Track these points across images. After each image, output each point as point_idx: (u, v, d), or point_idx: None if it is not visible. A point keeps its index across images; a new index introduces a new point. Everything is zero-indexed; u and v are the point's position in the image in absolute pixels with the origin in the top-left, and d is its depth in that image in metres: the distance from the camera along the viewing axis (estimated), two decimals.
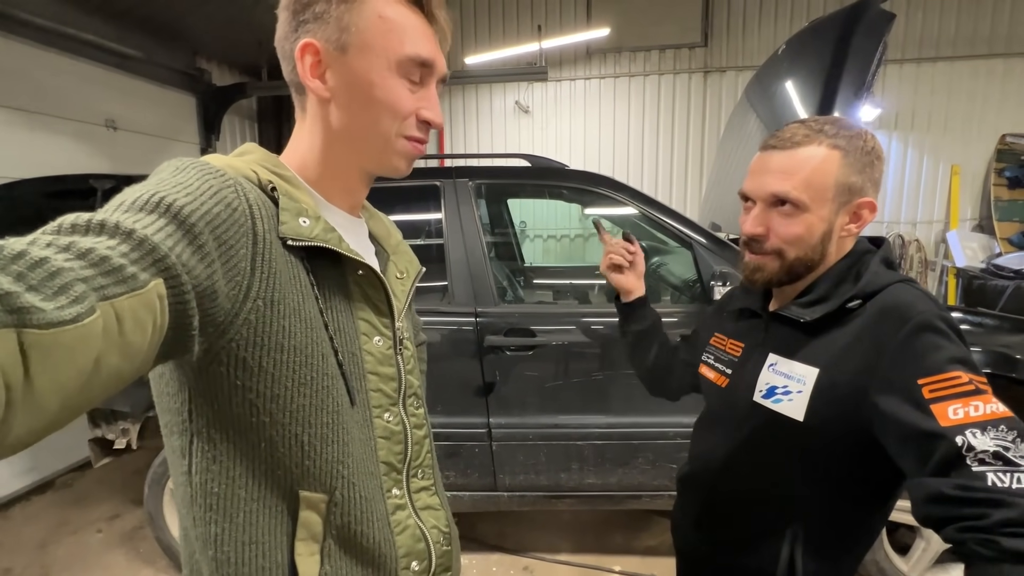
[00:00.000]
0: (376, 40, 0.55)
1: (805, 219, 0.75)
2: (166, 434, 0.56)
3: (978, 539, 0.56)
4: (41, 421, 0.31)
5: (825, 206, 0.74)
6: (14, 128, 2.84)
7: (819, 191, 0.74)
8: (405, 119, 0.58)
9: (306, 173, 0.60)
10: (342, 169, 0.61)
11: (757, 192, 0.78)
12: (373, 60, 0.56)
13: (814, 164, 0.74)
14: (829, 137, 0.74)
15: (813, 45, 2.31)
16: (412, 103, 0.58)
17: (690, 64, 5.13)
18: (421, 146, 0.61)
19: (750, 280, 0.81)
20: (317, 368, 0.53)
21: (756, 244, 0.78)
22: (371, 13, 0.55)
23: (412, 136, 0.59)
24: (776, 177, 0.75)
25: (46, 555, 2.33)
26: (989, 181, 4.76)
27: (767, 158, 0.78)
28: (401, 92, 0.57)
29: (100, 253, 0.35)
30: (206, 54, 4.36)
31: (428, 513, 0.67)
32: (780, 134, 0.77)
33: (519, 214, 5.23)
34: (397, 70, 0.56)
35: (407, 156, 0.61)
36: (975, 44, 4.68)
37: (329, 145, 0.60)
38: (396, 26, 0.56)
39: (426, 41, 0.57)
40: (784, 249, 0.76)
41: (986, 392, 0.61)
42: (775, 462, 0.79)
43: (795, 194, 0.74)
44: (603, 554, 2.25)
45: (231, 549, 0.53)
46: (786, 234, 0.76)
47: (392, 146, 0.59)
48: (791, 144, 0.76)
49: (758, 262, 0.79)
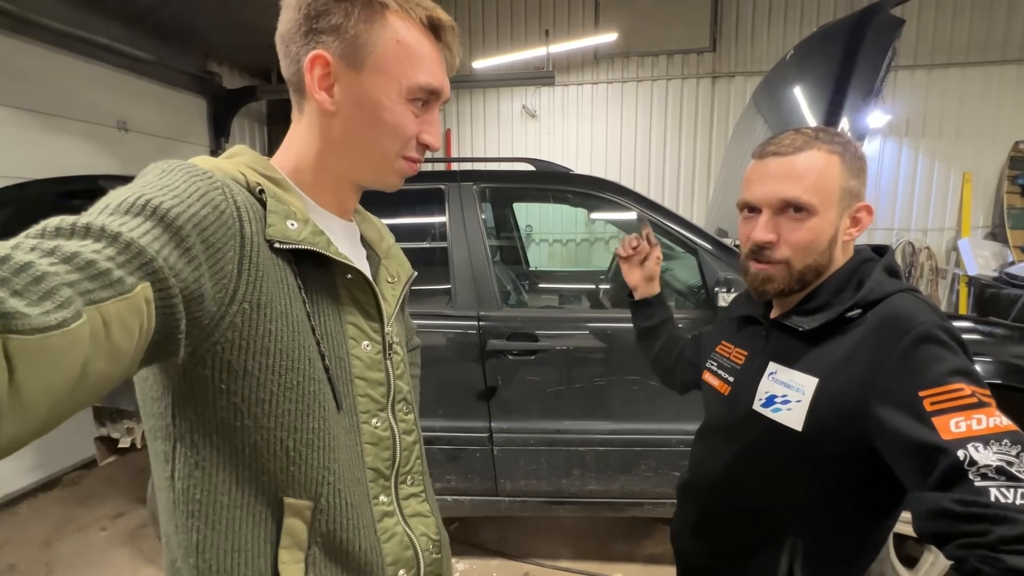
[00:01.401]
0: (391, 64, 0.55)
1: (814, 224, 0.74)
2: (150, 439, 0.55)
3: (980, 556, 0.54)
4: (29, 426, 0.31)
5: (832, 209, 0.75)
6: (28, 129, 2.89)
7: (827, 194, 0.74)
8: (408, 142, 0.59)
9: (298, 176, 0.60)
10: (335, 177, 0.61)
11: (766, 199, 0.76)
12: (385, 83, 0.56)
13: (819, 168, 0.74)
14: (825, 143, 0.75)
15: (822, 50, 2.29)
16: (416, 127, 0.59)
17: (698, 69, 5.12)
18: (416, 165, 0.62)
19: (759, 292, 0.80)
20: (303, 372, 0.53)
21: (764, 253, 0.77)
22: (390, 36, 0.55)
23: (410, 157, 0.60)
24: (783, 183, 0.75)
25: (51, 552, 2.34)
26: (1002, 188, 4.70)
27: (766, 165, 0.77)
28: (408, 117, 0.58)
29: (86, 257, 0.34)
30: (217, 57, 4.41)
31: (417, 520, 0.66)
32: (778, 141, 0.77)
33: (525, 218, 5.24)
34: (407, 96, 0.57)
35: (402, 174, 0.62)
36: (988, 50, 4.63)
37: (325, 154, 0.59)
38: (412, 53, 0.56)
39: (438, 70, 0.58)
40: (792, 258, 0.76)
41: (989, 405, 0.60)
42: (774, 472, 0.78)
43: (806, 197, 0.74)
44: (605, 561, 2.24)
45: (213, 557, 0.52)
46: (796, 240, 0.75)
47: (391, 165, 0.60)
48: (792, 150, 0.75)
49: (767, 273, 0.77)
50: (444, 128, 5.56)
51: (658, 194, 5.26)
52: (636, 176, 5.30)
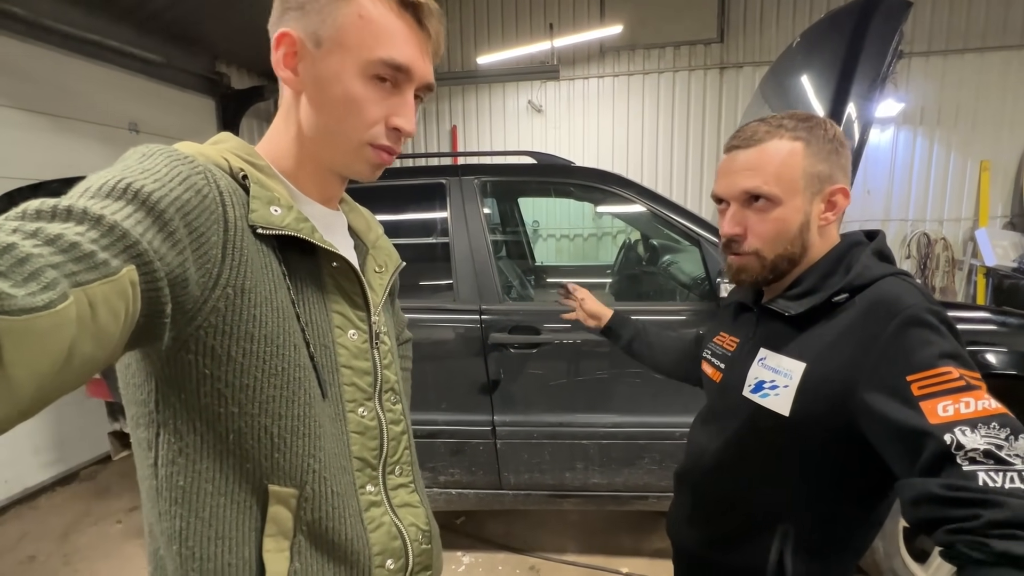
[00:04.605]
0: (351, 39, 0.53)
1: (780, 213, 0.75)
2: (132, 427, 0.54)
3: (968, 541, 0.53)
4: (15, 408, 0.30)
5: (797, 196, 0.75)
6: (41, 131, 2.95)
7: (789, 183, 0.74)
8: (372, 126, 0.56)
9: (281, 163, 0.60)
10: (313, 164, 0.60)
11: (729, 191, 0.78)
12: (344, 59, 0.54)
13: (780, 157, 0.74)
14: (789, 131, 0.75)
15: (828, 37, 2.25)
16: (380, 109, 0.56)
17: (706, 60, 5.05)
18: (388, 156, 0.59)
19: (736, 281, 0.82)
20: (288, 359, 0.52)
21: (735, 244, 0.79)
22: (352, 11, 0.53)
23: (380, 144, 0.57)
24: (745, 175, 0.76)
25: (68, 544, 2.41)
26: (1021, 177, 4.57)
27: (732, 158, 0.78)
28: (366, 95, 0.55)
29: (69, 239, 0.34)
30: (225, 58, 4.46)
31: (406, 511, 0.65)
32: (741, 133, 0.78)
33: (531, 214, 5.23)
34: (366, 71, 0.54)
35: (372, 164, 0.59)
36: (1006, 34, 4.49)
37: (300, 138, 0.59)
38: (374, 27, 0.53)
39: (406, 46, 0.55)
40: (761, 250, 0.77)
41: (978, 388, 0.59)
42: (763, 458, 0.77)
43: (766, 188, 0.74)
44: (610, 555, 2.23)
45: (196, 544, 0.51)
46: (763, 231, 0.76)
47: (358, 152, 0.57)
48: (754, 141, 0.76)
49: (740, 263, 0.79)
50: (450, 125, 5.57)
51: (666, 187, 5.21)
52: (644, 169, 5.26)
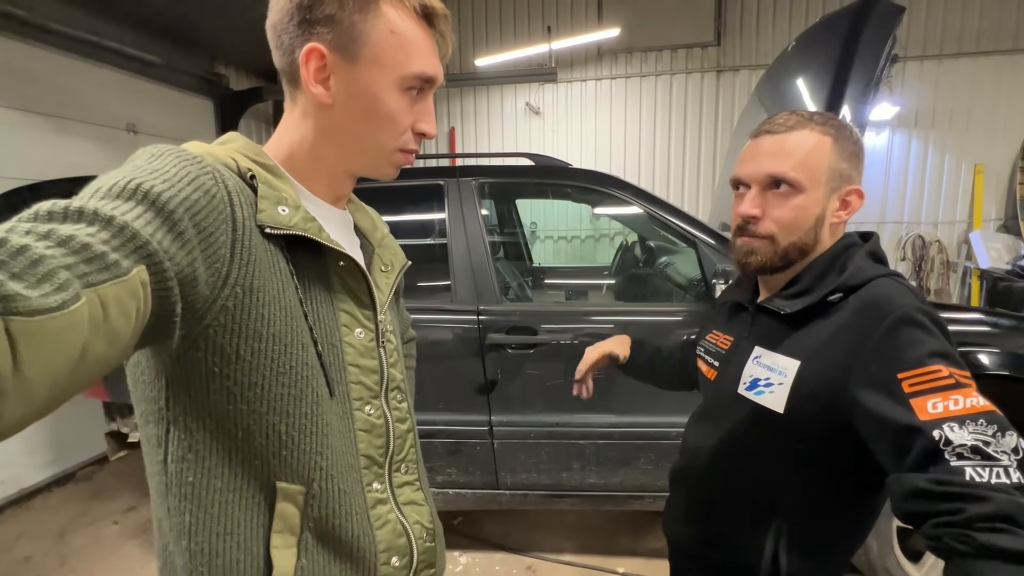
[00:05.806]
0: (386, 55, 0.55)
1: (800, 201, 0.75)
2: (141, 423, 0.55)
3: (954, 534, 0.54)
4: (30, 408, 0.31)
5: (819, 188, 0.75)
6: (40, 132, 2.95)
7: (814, 173, 0.75)
8: (404, 133, 0.59)
9: (291, 164, 0.60)
10: (329, 166, 0.61)
11: (753, 174, 0.78)
12: (381, 74, 0.56)
13: (808, 147, 0.75)
14: (819, 124, 0.76)
15: (823, 40, 2.28)
16: (410, 117, 0.59)
17: (702, 64, 5.08)
18: (412, 156, 0.62)
19: (743, 264, 0.81)
20: (296, 358, 0.53)
21: (751, 226, 0.78)
22: (384, 27, 0.55)
23: (407, 148, 0.60)
24: (772, 159, 0.76)
25: (64, 544, 2.40)
26: (1015, 180, 4.61)
27: (759, 143, 0.79)
28: (403, 107, 0.58)
29: (81, 240, 0.35)
30: (224, 59, 4.46)
31: (411, 508, 0.66)
32: (772, 120, 0.79)
33: (530, 215, 5.24)
34: (402, 85, 0.57)
35: (398, 165, 0.62)
36: (999, 39, 4.54)
37: (320, 144, 0.59)
38: (405, 42, 0.56)
39: (432, 57, 0.58)
40: (776, 234, 0.77)
41: (968, 386, 0.60)
42: (757, 455, 0.78)
43: (792, 174, 0.75)
44: (607, 555, 2.24)
45: (205, 539, 0.52)
46: (781, 216, 0.76)
47: (389, 158, 0.61)
48: (784, 128, 0.77)
49: (751, 245, 0.79)
50: (448, 127, 5.58)
51: (663, 189, 5.23)
52: (641, 172, 5.28)
